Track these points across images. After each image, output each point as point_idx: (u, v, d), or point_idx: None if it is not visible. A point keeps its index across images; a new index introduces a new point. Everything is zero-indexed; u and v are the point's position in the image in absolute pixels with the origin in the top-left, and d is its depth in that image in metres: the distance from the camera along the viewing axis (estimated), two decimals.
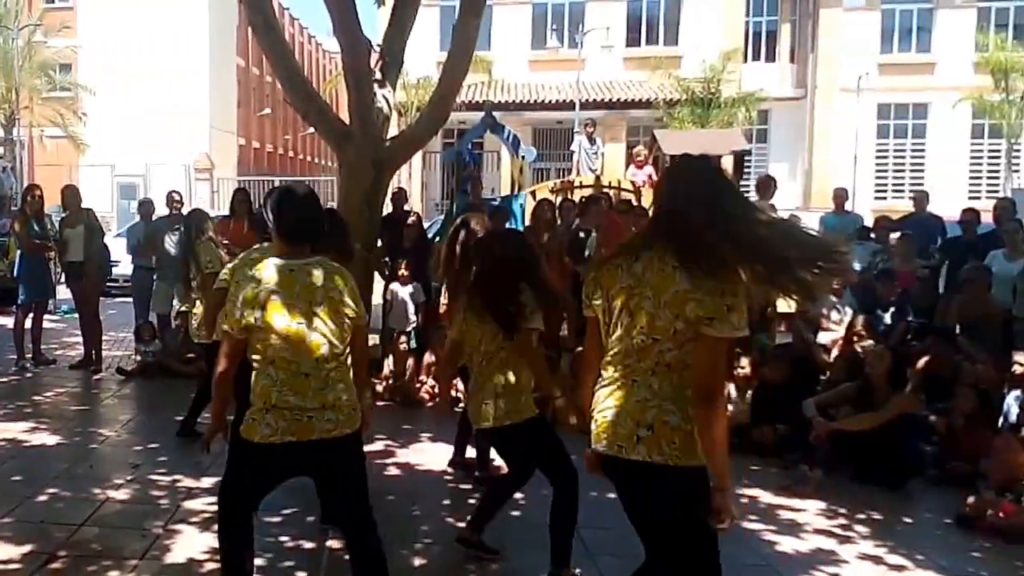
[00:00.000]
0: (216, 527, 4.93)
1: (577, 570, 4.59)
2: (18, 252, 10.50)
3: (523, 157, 15.83)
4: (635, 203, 11.36)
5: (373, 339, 10.06)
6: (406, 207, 11.48)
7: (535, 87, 26.51)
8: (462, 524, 4.99)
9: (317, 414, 3.52)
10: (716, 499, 2.87)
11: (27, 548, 4.67)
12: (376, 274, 10.34)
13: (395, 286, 9.46)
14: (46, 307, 10.63)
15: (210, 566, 4.52)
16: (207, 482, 5.82)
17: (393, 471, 6.44)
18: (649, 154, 15.47)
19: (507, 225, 10.36)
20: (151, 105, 33.82)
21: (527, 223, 10.97)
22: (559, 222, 10.04)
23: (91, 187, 23.35)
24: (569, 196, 11.86)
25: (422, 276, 9.39)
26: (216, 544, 4.69)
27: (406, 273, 9.38)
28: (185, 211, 10.42)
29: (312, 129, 14.52)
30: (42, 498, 5.53)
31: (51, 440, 6.97)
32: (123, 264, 12.43)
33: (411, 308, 9.32)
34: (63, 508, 5.37)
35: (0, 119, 30.81)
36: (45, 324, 10.42)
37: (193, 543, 4.83)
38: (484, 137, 17.57)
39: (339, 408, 3.57)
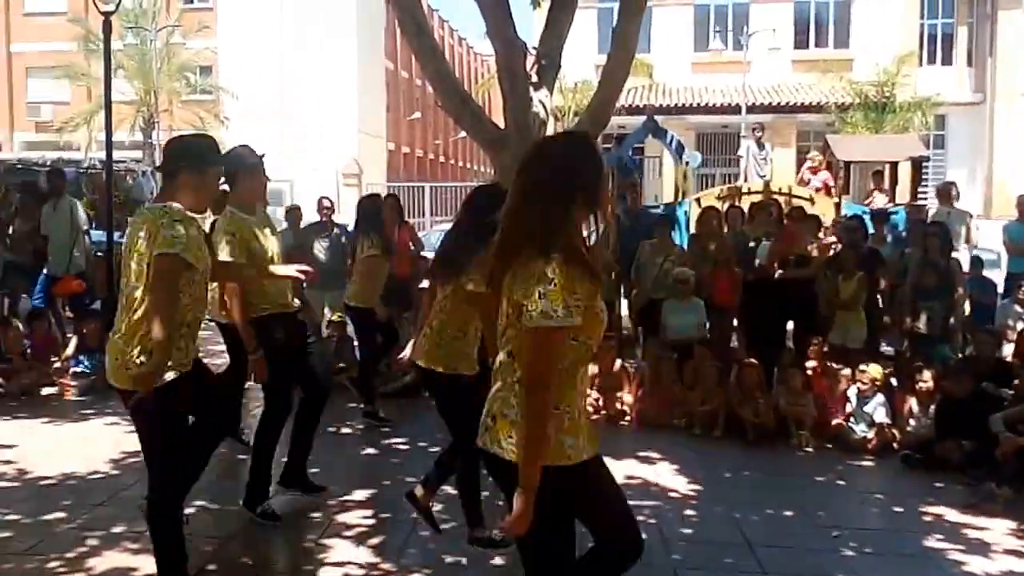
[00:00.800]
0: (371, 541, 4.92)
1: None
2: None
3: (687, 163, 15.58)
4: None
5: None
6: None
7: (698, 90, 26.10)
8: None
9: None
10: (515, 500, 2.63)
11: None
12: None
13: None
14: None
15: None
16: (360, 495, 5.71)
17: None
18: (823, 159, 15.08)
19: (671, 234, 10.23)
20: (296, 109, 33.48)
21: (692, 231, 10.81)
22: (726, 230, 9.82)
23: None
24: (736, 203, 11.58)
25: None
26: (373, 559, 4.68)
27: None
28: (336, 219, 10.26)
29: (464, 133, 14.63)
30: (188, 511, 5.25)
31: None
32: None
33: None
34: (210, 521, 5.22)
35: (139, 123, 30.43)
36: None
37: (347, 557, 4.69)
38: (646, 142, 17.39)
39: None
